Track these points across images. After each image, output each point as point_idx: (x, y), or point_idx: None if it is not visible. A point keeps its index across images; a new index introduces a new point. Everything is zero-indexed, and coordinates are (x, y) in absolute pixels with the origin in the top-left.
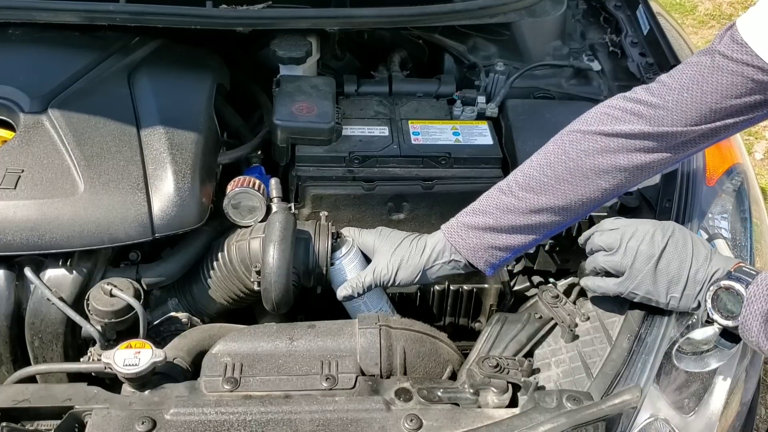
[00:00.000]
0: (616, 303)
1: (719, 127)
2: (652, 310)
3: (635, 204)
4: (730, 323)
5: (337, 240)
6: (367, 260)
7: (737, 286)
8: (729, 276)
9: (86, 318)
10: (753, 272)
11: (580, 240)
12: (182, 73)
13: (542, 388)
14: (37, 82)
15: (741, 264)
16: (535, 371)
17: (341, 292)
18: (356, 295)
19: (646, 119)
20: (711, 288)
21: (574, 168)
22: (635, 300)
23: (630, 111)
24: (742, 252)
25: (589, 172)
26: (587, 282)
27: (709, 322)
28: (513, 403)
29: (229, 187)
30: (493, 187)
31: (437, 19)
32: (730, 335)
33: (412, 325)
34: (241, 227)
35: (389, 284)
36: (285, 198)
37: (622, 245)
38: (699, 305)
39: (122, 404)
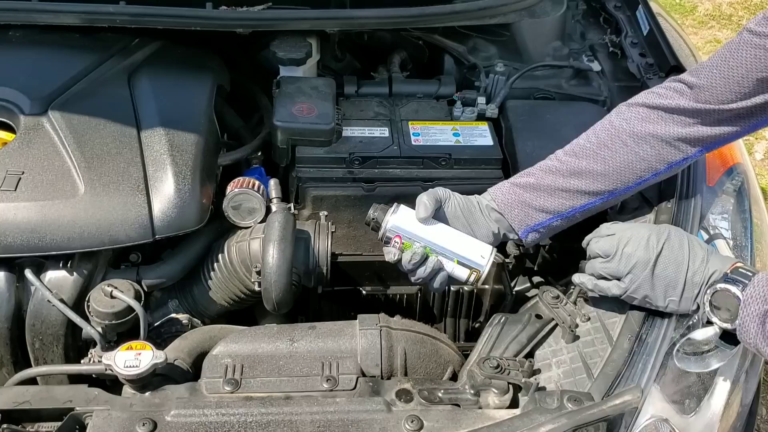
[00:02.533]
0: (617, 303)
1: (752, 107)
2: (653, 311)
3: (635, 204)
4: (728, 325)
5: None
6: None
7: (733, 289)
8: (726, 278)
9: (87, 319)
10: (750, 273)
11: (584, 243)
12: (182, 74)
13: (543, 388)
14: (37, 83)
15: (738, 264)
16: (535, 372)
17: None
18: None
19: (685, 96)
20: (708, 291)
21: (615, 134)
22: (634, 303)
23: (673, 89)
24: (743, 252)
25: (629, 139)
26: (585, 280)
27: (710, 323)
28: (514, 403)
29: (228, 189)
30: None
31: (437, 20)
32: (730, 337)
33: (413, 326)
34: (241, 228)
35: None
36: (285, 198)
37: (618, 252)
38: (698, 308)
39: (123, 406)
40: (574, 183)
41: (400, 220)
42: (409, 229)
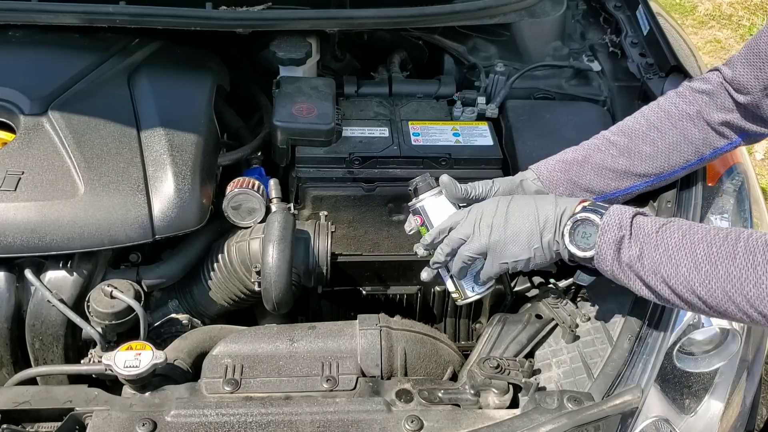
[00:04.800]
0: (617, 303)
1: None
2: (653, 311)
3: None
4: (587, 254)
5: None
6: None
7: (592, 216)
8: (584, 209)
9: (87, 320)
10: (606, 206)
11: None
12: (182, 74)
13: (543, 388)
14: (37, 84)
15: (590, 200)
16: (535, 372)
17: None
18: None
19: (725, 84)
20: (568, 222)
21: (664, 116)
22: (518, 270)
23: (714, 75)
24: None
25: (678, 121)
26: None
27: (572, 262)
28: (514, 403)
29: (228, 189)
30: None
31: (437, 20)
32: (588, 270)
33: (413, 326)
34: (241, 228)
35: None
36: (285, 198)
37: (475, 229)
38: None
39: (123, 406)
40: (623, 163)
41: (432, 207)
42: (433, 221)
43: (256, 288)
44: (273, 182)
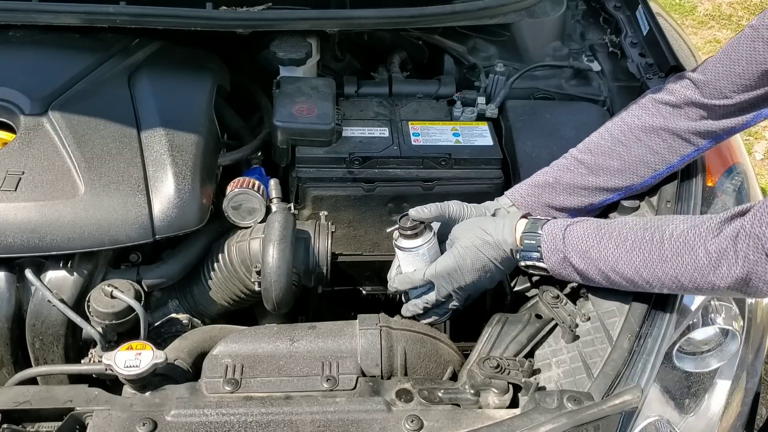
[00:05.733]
0: (617, 303)
1: (755, 98)
2: (653, 311)
3: (635, 205)
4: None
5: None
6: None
7: (533, 242)
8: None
9: (87, 320)
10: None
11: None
12: (182, 74)
13: (543, 388)
14: (37, 84)
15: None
16: (535, 372)
17: (396, 285)
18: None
19: (691, 92)
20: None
21: (628, 130)
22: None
23: (679, 86)
24: None
25: (641, 134)
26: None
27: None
28: (514, 403)
29: (228, 189)
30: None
31: (437, 20)
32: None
33: (413, 325)
34: (241, 228)
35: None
36: (285, 198)
37: (439, 292)
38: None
39: (123, 406)
40: (593, 180)
41: (403, 256)
42: (403, 267)
43: (257, 288)
44: (273, 182)
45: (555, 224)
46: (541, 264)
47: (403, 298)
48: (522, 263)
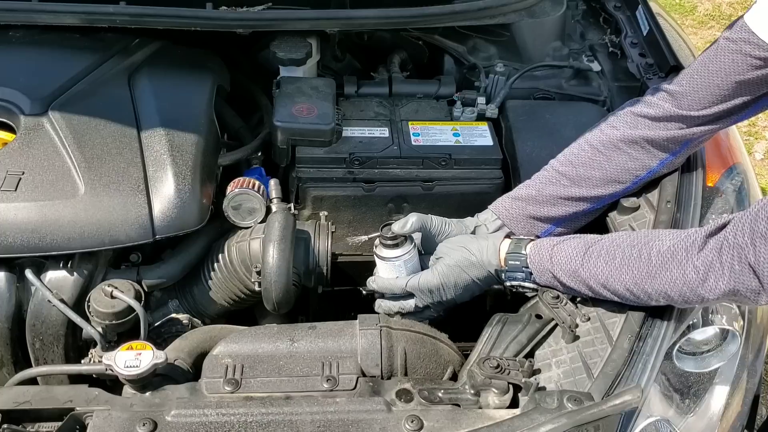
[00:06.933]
0: (617, 303)
1: (731, 107)
2: (653, 311)
3: (635, 205)
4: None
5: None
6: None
7: (517, 262)
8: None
9: (87, 320)
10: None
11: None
12: (182, 74)
13: (543, 388)
14: (37, 84)
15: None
16: (535, 372)
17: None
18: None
19: (668, 104)
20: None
21: (606, 140)
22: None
23: (656, 98)
24: None
25: (620, 143)
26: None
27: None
28: (514, 403)
29: (228, 189)
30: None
31: (437, 20)
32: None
33: (413, 325)
34: (241, 228)
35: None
36: (285, 199)
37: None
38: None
39: (123, 406)
40: (575, 191)
41: (382, 265)
42: (380, 273)
43: (257, 288)
44: (273, 182)
45: (541, 244)
46: (527, 284)
47: (376, 294)
48: (507, 283)
